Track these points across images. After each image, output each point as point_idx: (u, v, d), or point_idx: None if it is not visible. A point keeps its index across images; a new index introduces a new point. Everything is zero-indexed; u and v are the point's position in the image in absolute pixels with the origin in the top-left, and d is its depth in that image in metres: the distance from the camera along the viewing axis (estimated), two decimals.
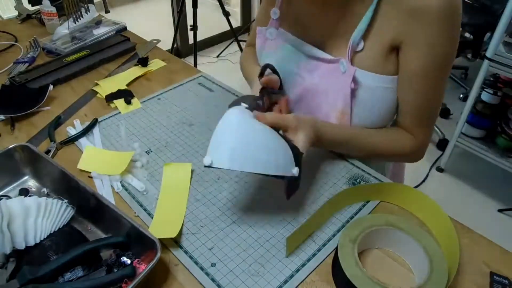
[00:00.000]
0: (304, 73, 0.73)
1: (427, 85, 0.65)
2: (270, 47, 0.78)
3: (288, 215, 0.63)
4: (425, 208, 0.62)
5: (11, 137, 0.79)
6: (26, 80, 0.93)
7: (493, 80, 1.83)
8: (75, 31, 1.16)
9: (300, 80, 0.74)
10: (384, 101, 0.67)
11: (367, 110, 0.68)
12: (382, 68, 0.65)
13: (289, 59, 0.74)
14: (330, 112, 0.70)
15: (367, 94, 0.66)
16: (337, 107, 0.69)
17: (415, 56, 0.62)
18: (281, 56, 0.76)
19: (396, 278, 0.54)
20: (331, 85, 0.69)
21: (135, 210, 0.63)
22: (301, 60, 0.73)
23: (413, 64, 0.63)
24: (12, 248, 0.53)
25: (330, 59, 0.69)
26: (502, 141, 1.77)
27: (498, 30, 1.56)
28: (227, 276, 0.54)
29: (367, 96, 0.67)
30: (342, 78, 0.66)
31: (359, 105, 0.67)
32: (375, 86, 0.66)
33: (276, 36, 0.77)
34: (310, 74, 0.72)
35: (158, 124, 0.82)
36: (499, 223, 1.75)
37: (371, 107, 0.68)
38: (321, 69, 0.71)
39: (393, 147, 0.71)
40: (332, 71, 0.68)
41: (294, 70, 0.74)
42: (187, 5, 2.42)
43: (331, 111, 0.70)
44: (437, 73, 0.63)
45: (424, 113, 0.68)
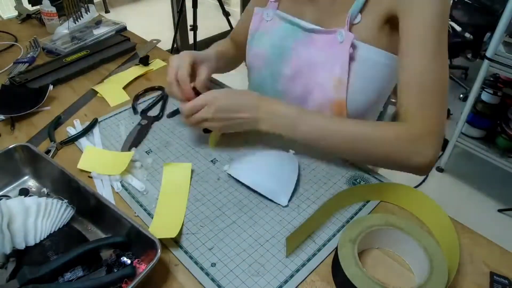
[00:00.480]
0: (301, 47, 0.74)
1: (425, 51, 0.61)
2: (265, 28, 0.79)
3: (288, 215, 0.63)
4: (425, 208, 0.62)
5: (11, 137, 0.79)
6: (26, 80, 0.93)
7: (493, 80, 1.83)
8: (75, 31, 1.16)
9: (294, 55, 0.75)
10: (379, 75, 0.69)
11: (363, 82, 0.69)
12: (380, 41, 0.67)
13: (286, 36, 0.76)
14: (327, 81, 0.70)
15: (363, 66, 0.68)
16: (335, 75, 0.69)
17: (410, 23, 0.62)
18: (277, 34, 0.77)
19: (396, 278, 0.54)
20: (328, 55, 0.70)
21: (135, 210, 0.63)
22: (298, 36, 0.74)
23: (409, 32, 0.63)
24: (12, 248, 0.53)
25: (327, 30, 0.70)
26: (502, 141, 1.77)
27: (498, 30, 1.56)
28: (227, 276, 0.54)
29: (364, 68, 0.68)
30: (339, 47, 0.68)
31: (355, 75, 0.68)
32: (371, 58, 0.68)
33: (272, 17, 0.78)
34: (306, 48, 0.73)
35: (158, 124, 0.82)
36: (499, 223, 1.75)
37: (366, 79, 0.69)
38: (318, 40, 0.72)
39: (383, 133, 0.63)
40: (329, 41, 0.70)
41: (291, 46, 0.75)
42: (187, 5, 2.42)
43: (328, 79, 0.69)
44: (434, 37, 0.61)
45: (425, 88, 0.61)
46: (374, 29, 0.67)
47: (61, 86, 0.96)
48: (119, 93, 0.92)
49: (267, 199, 0.65)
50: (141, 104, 0.89)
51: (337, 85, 0.69)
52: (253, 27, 0.81)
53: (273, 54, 0.77)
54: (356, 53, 0.67)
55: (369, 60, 0.68)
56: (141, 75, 0.99)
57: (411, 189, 0.64)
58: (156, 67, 1.03)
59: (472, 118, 1.82)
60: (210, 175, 0.70)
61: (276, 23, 0.77)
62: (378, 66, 0.68)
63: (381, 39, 0.67)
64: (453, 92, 2.54)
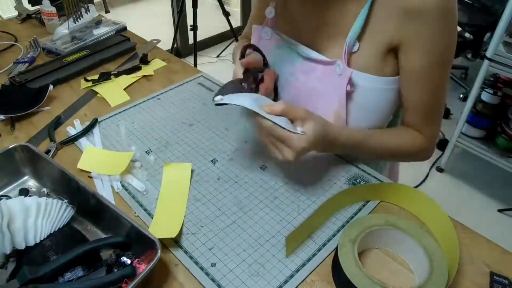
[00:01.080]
0: (300, 74, 0.73)
1: (431, 82, 0.65)
2: (264, 47, 0.77)
3: (288, 215, 0.63)
4: (425, 208, 0.62)
5: (11, 137, 0.79)
6: (26, 80, 0.93)
7: (493, 80, 1.83)
8: (75, 31, 1.16)
9: (295, 81, 0.73)
10: (380, 102, 0.68)
11: (363, 111, 0.68)
12: (379, 69, 0.65)
13: (285, 59, 0.74)
14: (326, 114, 0.69)
15: (363, 95, 0.66)
16: (333, 109, 0.69)
17: (416, 56, 0.62)
18: (276, 56, 0.75)
19: (396, 278, 0.54)
20: (327, 86, 0.69)
21: (135, 210, 0.63)
22: (297, 61, 0.73)
23: (415, 64, 0.63)
24: (12, 248, 0.53)
25: (326, 61, 0.68)
26: (502, 141, 1.77)
27: (498, 30, 1.56)
28: (227, 276, 0.54)
29: (363, 98, 0.67)
30: (338, 80, 0.66)
31: (354, 106, 0.67)
32: (371, 87, 0.66)
33: (271, 35, 0.76)
34: (305, 76, 0.72)
35: (158, 124, 0.82)
36: (499, 223, 1.75)
37: (367, 109, 0.68)
38: (317, 70, 0.70)
39: (403, 146, 0.71)
40: (328, 73, 0.68)
41: (290, 70, 0.74)
42: (187, 5, 2.42)
43: (327, 112, 0.69)
44: (440, 69, 0.64)
45: (430, 110, 0.69)
46: (374, 58, 0.64)
47: (61, 86, 0.96)
48: (119, 94, 0.92)
49: (266, 198, 0.65)
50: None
51: (336, 119, 0.69)
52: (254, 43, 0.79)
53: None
54: (355, 84, 0.66)
55: (369, 90, 0.66)
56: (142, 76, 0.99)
57: (411, 189, 0.64)
58: (156, 67, 1.03)
59: (472, 118, 1.82)
60: (210, 175, 0.70)
61: (274, 43, 0.76)
62: (378, 93, 0.67)
63: (383, 67, 0.65)
64: (453, 92, 2.54)
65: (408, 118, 0.71)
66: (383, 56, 0.64)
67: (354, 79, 0.65)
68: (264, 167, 0.71)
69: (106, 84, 0.95)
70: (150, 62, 1.04)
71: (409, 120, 0.71)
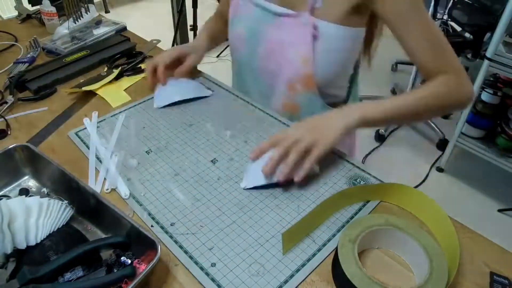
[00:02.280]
0: (272, 29, 0.81)
1: (420, 16, 0.70)
2: (241, 11, 0.86)
3: (288, 215, 0.63)
4: (425, 208, 0.62)
5: (11, 137, 0.79)
6: (26, 80, 0.93)
7: (493, 80, 1.83)
8: (75, 31, 1.16)
9: (268, 36, 0.82)
10: (342, 49, 0.77)
11: (327, 57, 0.77)
12: (341, 19, 0.73)
13: (259, 19, 0.83)
14: (296, 58, 0.79)
15: (326, 43, 0.76)
16: (301, 53, 0.77)
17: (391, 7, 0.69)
18: (251, 18, 0.84)
19: (396, 278, 0.54)
20: (295, 35, 0.78)
21: (135, 210, 0.63)
22: (269, 19, 0.81)
23: (397, 7, 0.69)
24: (13, 248, 0.53)
25: (293, 14, 0.77)
26: (502, 141, 1.77)
27: (498, 30, 1.56)
28: (227, 276, 0.54)
29: (327, 45, 0.76)
30: (304, 29, 0.76)
31: (320, 52, 0.76)
32: (334, 35, 0.75)
33: (245, 1, 0.85)
34: (277, 29, 0.80)
35: (158, 124, 0.82)
36: (499, 223, 1.75)
37: (330, 54, 0.77)
38: (286, 23, 0.79)
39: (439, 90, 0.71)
40: (295, 24, 0.77)
41: (264, 29, 0.82)
42: (187, 5, 2.42)
43: (296, 57, 0.78)
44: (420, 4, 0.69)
45: (436, 42, 0.71)
46: (336, 11, 0.73)
47: (61, 86, 0.96)
48: (120, 95, 0.92)
49: (266, 198, 0.65)
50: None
51: (304, 62, 0.78)
52: (232, 12, 0.89)
53: (250, 35, 0.85)
54: (319, 32, 0.75)
55: (331, 37, 0.75)
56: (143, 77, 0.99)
57: (411, 189, 0.64)
58: None
59: (472, 118, 1.82)
60: (210, 175, 0.70)
61: (249, 7, 0.84)
62: (340, 41, 0.76)
63: (345, 18, 0.73)
64: None
65: (425, 67, 0.73)
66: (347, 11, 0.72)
67: (320, 28, 0.75)
68: None
69: (107, 85, 0.95)
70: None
71: (428, 68, 0.72)
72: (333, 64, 0.79)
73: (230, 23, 0.90)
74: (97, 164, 0.71)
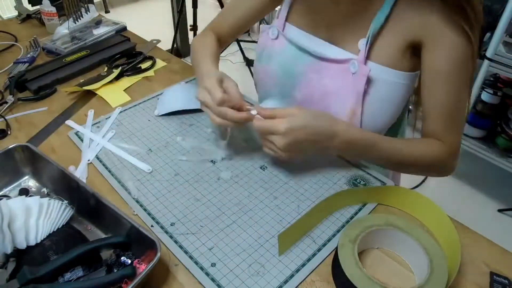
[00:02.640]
0: (311, 73, 0.72)
1: (454, 84, 0.63)
2: (272, 47, 0.77)
3: (288, 215, 0.63)
4: (424, 209, 0.62)
5: (11, 137, 0.79)
6: (26, 80, 0.93)
7: (493, 80, 1.83)
8: (75, 31, 1.16)
9: (306, 80, 0.73)
10: (396, 97, 0.67)
11: (378, 108, 0.67)
12: (397, 63, 0.64)
13: (295, 59, 0.73)
14: (341, 111, 0.69)
15: (380, 90, 0.66)
16: (348, 107, 0.68)
17: (441, 55, 0.61)
18: (285, 57, 0.74)
19: (396, 278, 0.54)
20: (341, 85, 0.68)
21: (134, 209, 0.63)
22: (308, 60, 0.72)
23: (439, 64, 0.62)
24: (13, 248, 0.53)
25: (339, 60, 0.68)
26: (502, 141, 1.77)
27: (498, 30, 1.56)
28: (227, 276, 0.54)
29: (380, 93, 0.66)
30: (352, 78, 0.66)
31: (370, 103, 0.67)
32: (387, 82, 0.65)
33: (278, 35, 0.75)
34: (317, 74, 0.71)
35: (158, 124, 0.82)
36: (499, 223, 1.75)
37: (382, 104, 0.67)
38: (329, 69, 0.70)
39: (419, 152, 0.67)
40: (342, 71, 0.68)
41: (300, 70, 0.73)
42: (187, 5, 2.42)
43: (341, 111, 0.69)
44: (464, 70, 0.62)
45: (451, 116, 0.66)
46: (394, 52, 0.64)
47: (61, 86, 0.96)
48: (120, 95, 0.92)
49: (266, 198, 0.65)
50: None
51: (351, 116, 0.68)
52: (261, 45, 0.79)
53: (283, 75, 0.75)
54: (372, 81, 0.65)
55: (384, 84, 0.66)
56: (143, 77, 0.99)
57: (408, 191, 0.64)
58: (156, 67, 1.03)
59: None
60: (210, 175, 0.70)
61: (282, 43, 0.75)
62: (394, 88, 0.66)
63: (401, 61, 0.64)
64: None
65: (427, 126, 0.68)
66: (404, 50, 0.64)
67: (372, 74, 0.65)
68: (264, 167, 0.71)
69: (107, 85, 0.95)
70: (152, 65, 1.03)
71: (429, 128, 0.68)
72: (383, 117, 0.69)
73: (257, 58, 0.80)
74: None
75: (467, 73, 0.63)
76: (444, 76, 0.62)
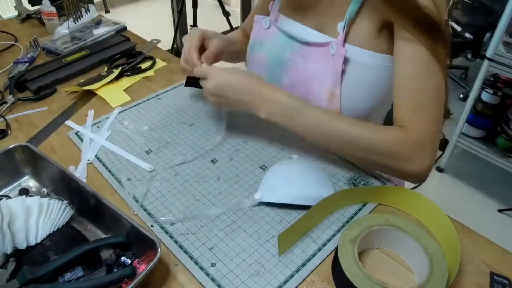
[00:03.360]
0: (297, 58, 0.74)
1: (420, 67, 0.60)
2: (264, 36, 0.80)
3: (288, 215, 0.63)
4: (424, 209, 0.62)
5: (11, 137, 0.79)
6: (26, 80, 0.93)
7: (493, 80, 1.83)
8: (75, 31, 1.16)
9: (293, 65, 0.75)
10: (375, 80, 0.67)
11: (358, 89, 0.68)
12: (375, 45, 0.65)
13: (284, 46, 0.76)
14: (321, 93, 0.71)
15: (358, 72, 0.67)
16: (327, 87, 0.70)
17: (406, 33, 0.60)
18: (275, 45, 0.78)
19: (396, 278, 0.54)
20: (322, 67, 0.70)
21: (134, 209, 0.63)
22: (295, 47, 0.75)
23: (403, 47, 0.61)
24: (13, 248, 0.53)
25: (320, 43, 0.70)
26: (502, 141, 1.77)
27: (498, 30, 1.56)
28: (227, 276, 0.54)
29: (358, 74, 0.67)
30: (331, 60, 0.68)
31: (348, 83, 0.68)
32: (367, 64, 0.66)
33: (271, 25, 0.79)
34: (303, 59, 0.74)
35: (158, 124, 0.82)
36: (499, 223, 1.75)
37: (362, 86, 0.68)
38: (312, 53, 0.72)
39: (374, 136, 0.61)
40: (322, 54, 0.70)
41: (288, 56, 0.76)
42: (187, 5, 2.42)
43: (322, 91, 0.70)
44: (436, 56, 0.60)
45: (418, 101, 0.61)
46: (368, 33, 0.65)
47: (61, 86, 0.96)
48: (120, 95, 0.92)
49: None
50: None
51: (330, 98, 0.69)
52: (254, 35, 0.83)
53: (273, 62, 0.78)
54: (350, 61, 0.66)
55: (364, 67, 0.66)
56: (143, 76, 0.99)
57: (408, 191, 0.64)
58: (156, 67, 1.03)
59: (472, 118, 1.82)
60: (210, 175, 0.70)
61: (273, 32, 0.78)
62: (375, 71, 0.66)
63: (378, 43, 0.65)
64: (453, 92, 2.54)
65: (395, 113, 0.64)
66: (378, 32, 0.65)
67: (350, 55, 0.66)
68: (264, 167, 0.71)
69: (107, 85, 0.95)
70: (152, 65, 1.03)
71: (396, 115, 0.63)
72: (365, 100, 0.69)
73: (250, 46, 0.83)
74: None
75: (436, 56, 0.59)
76: (409, 59, 0.61)
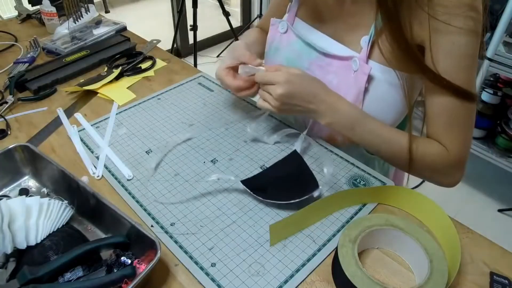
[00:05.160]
0: (316, 69, 0.73)
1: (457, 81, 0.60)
2: (280, 41, 0.78)
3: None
4: (424, 209, 0.62)
5: (11, 137, 0.79)
6: (26, 80, 0.93)
7: (493, 80, 1.83)
8: (75, 31, 1.16)
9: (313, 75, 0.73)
10: (398, 97, 0.67)
11: (379, 107, 0.68)
12: (400, 64, 0.63)
13: (301, 54, 0.75)
14: None
15: (380, 91, 0.66)
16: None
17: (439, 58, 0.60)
18: (292, 51, 0.76)
19: (396, 278, 0.54)
20: (343, 82, 0.69)
21: (134, 210, 0.63)
22: (313, 56, 0.73)
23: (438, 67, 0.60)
24: (13, 248, 0.53)
25: (342, 56, 0.69)
26: (502, 141, 1.77)
27: (498, 30, 1.56)
28: (227, 276, 0.54)
29: (380, 94, 0.66)
30: (353, 76, 0.67)
31: (370, 101, 0.67)
32: (390, 81, 0.65)
33: (288, 29, 0.77)
34: (321, 70, 0.72)
35: (158, 124, 0.82)
36: (499, 223, 1.75)
37: (383, 104, 0.67)
38: (332, 65, 0.71)
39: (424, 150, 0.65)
40: (343, 68, 0.69)
41: (305, 65, 0.74)
42: (187, 5, 2.42)
43: None
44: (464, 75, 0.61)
45: (453, 116, 0.63)
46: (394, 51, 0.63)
47: (61, 86, 0.96)
48: (125, 93, 0.92)
49: None
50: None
51: None
52: (270, 39, 0.80)
53: None
54: (373, 81, 0.66)
55: (385, 84, 0.65)
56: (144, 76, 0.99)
57: (408, 190, 0.63)
58: (156, 67, 1.03)
59: None
60: (210, 175, 0.70)
61: (290, 37, 0.76)
62: (395, 88, 0.66)
63: (402, 61, 0.63)
64: None
65: (431, 129, 0.66)
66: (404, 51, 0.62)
67: (373, 73, 0.65)
68: (264, 167, 0.71)
69: (107, 85, 0.95)
70: (152, 65, 1.03)
71: (430, 129, 0.66)
72: (385, 115, 0.69)
73: (266, 52, 0.81)
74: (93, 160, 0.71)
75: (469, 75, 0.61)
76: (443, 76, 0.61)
